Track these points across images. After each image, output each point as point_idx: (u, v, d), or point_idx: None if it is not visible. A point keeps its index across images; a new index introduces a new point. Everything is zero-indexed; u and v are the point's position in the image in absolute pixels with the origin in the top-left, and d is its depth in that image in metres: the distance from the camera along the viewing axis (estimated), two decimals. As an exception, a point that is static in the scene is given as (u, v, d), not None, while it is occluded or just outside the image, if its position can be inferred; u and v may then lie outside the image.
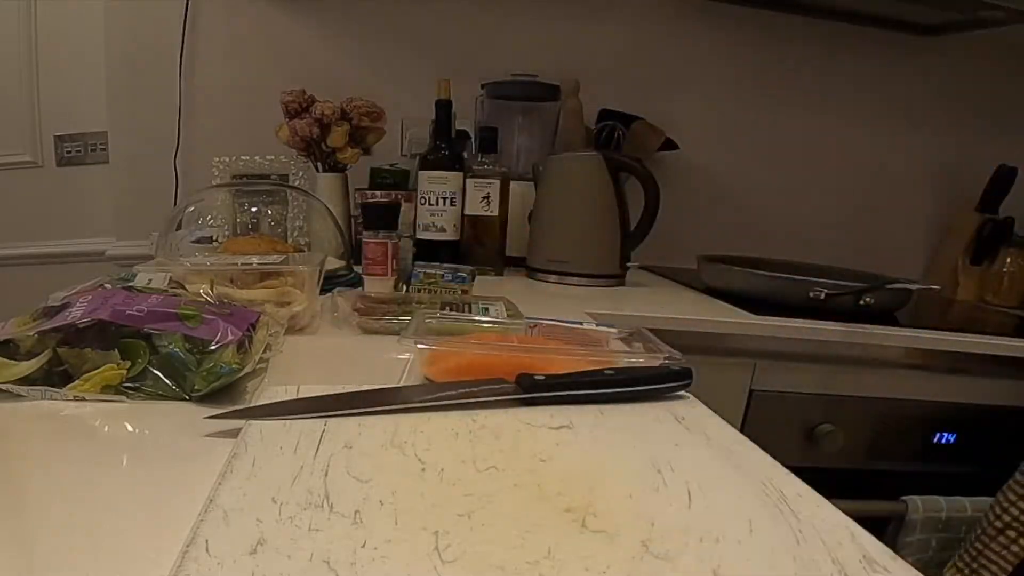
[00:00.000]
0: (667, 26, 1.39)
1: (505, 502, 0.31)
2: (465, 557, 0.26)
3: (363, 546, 0.26)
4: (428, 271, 0.84)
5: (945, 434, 0.97)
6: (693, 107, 1.42)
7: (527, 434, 0.40)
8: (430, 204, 1.09)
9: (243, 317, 0.52)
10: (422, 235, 1.10)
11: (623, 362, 0.52)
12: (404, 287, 0.87)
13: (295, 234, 1.04)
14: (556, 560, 0.26)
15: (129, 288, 0.54)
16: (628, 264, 1.10)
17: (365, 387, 0.45)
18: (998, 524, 0.81)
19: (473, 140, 1.24)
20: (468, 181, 1.10)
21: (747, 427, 0.93)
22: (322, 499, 0.30)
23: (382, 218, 1.03)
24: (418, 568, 0.25)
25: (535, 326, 0.61)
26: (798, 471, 0.38)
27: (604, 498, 0.32)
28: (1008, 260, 1.35)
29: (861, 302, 0.93)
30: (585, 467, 0.36)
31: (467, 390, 0.44)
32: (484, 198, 1.11)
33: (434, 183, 1.08)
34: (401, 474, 0.33)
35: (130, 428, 0.41)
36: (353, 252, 1.10)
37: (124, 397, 0.43)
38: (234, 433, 0.38)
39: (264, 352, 0.52)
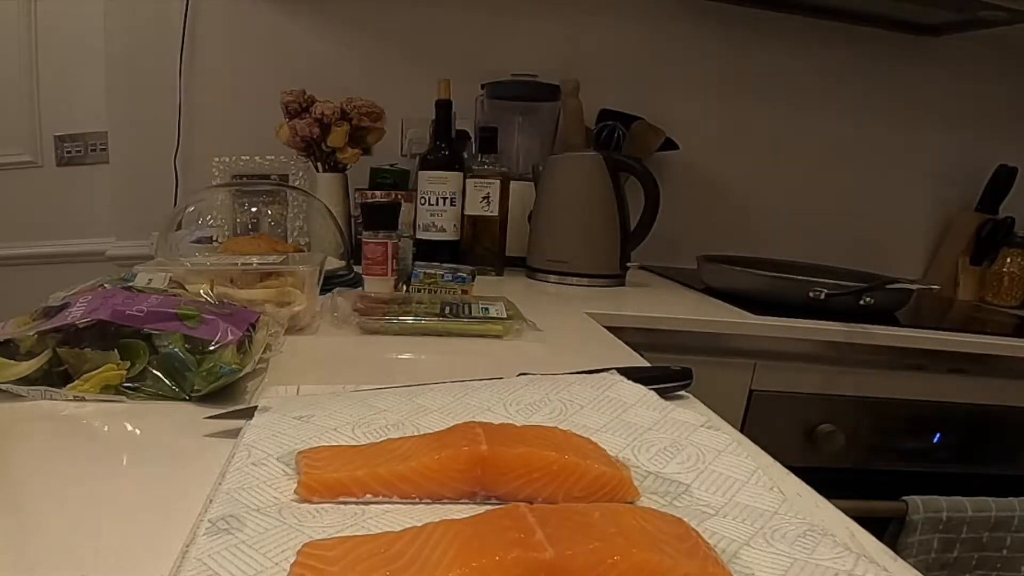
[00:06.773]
0: (667, 26, 1.39)
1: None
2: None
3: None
4: (428, 271, 0.84)
5: (945, 434, 0.97)
6: (693, 107, 1.42)
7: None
8: (430, 204, 1.09)
9: (243, 317, 0.52)
10: (422, 235, 1.10)
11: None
12: (404, 287, 0.87)
13: (295, 234, 1.04)
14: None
15: (129, 288, 0.54)
16: (628, 264, 1.10)
17: (364, 387, 0.45)
18: None
19: (473, 140, 1.24)
20: (468, 181, 1.10)
21: (747, 427, 0.92)
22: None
23: (382, 218, 1.03)
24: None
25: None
26: (798, 471, 0.38)
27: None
28: (1008, 260, 1.35)
29: (861, 302, 0.93)
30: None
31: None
32: (484, 198, 1.11)
33: (434, 183, 1.08)
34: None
35: (130, 428, 0.41)
36: (353, 252, 1.10)
37: (124, 397, 0.43)
38: (234, 433, 0.38)
39: (264, 352, 0.52)
